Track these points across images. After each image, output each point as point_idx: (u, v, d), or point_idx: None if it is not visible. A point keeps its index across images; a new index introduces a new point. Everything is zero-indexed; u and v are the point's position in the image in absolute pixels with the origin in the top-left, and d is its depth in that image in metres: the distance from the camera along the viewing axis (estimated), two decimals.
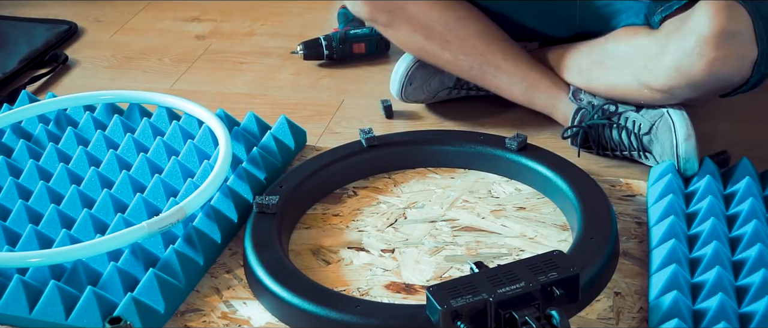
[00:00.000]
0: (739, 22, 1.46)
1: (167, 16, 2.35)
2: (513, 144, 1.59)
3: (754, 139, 1.71)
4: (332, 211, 1.57)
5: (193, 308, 1.39)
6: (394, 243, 1.49)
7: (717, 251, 1.35)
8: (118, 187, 1.57)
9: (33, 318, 1.35)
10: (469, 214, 1.54)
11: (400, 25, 1.71)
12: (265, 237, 1.43)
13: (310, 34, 2.08)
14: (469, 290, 1.19)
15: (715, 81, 1.50)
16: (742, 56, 1.48)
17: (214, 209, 1.50)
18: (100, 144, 1.69)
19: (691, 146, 1.54)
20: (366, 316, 1.27)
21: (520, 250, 1.45)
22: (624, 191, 1.57)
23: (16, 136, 1.75)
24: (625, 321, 1.32)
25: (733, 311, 1.25)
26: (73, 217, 1.51)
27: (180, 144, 1.68)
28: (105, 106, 1.80)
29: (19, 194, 1.57)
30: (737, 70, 1.49)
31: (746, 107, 1.63)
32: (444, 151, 1.64)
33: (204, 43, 2.20)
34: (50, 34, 2.23)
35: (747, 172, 1.53)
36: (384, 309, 1.31)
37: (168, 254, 1.41)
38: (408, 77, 1.79)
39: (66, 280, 1.38)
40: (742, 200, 1.47)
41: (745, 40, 1.47)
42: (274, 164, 1.64)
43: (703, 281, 1.31)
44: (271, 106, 1.89)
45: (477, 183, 1.61)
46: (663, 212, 1.44)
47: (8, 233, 1.48)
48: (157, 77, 2.07)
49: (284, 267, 1.37)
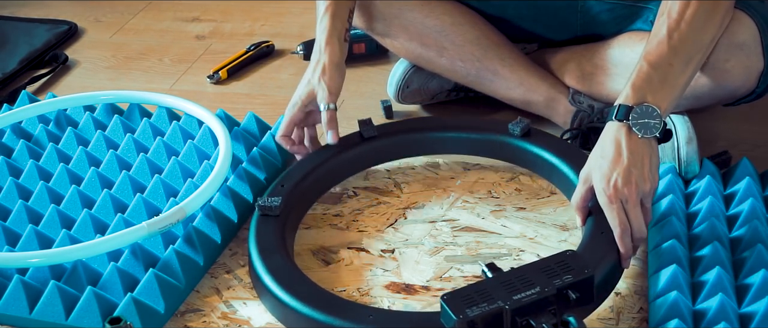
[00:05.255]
0: (745, 33, 1.45)
1: (167, 16, 2.35)
2: (516, 129, 1.56)
3: (754, 140, 1.70)
4: (332, 211, 1.57)
5: (193, 308, 1.39)
6: (394, 243, 1.49)
7: (717, 251, 1.35)
8: (118, 187, 1.57)
9: (33, 318, 1.35)
10: (469, 214, 1.54)
11: (397, 33, 1.71)
12: (270, 241, 1.39)
13: (310, 34, 2.06)
14: (484, 298, 1.16)
15: (721, 92, 1.50)
16: (749, 67, 1.47)
17: (214, 209, 1.50)
18: (100, 144, 1.69)
19: (693, 150, 1.54)
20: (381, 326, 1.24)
21: (520, 250, 1.45)
22: None
23: (16, 136, 1.75)
24: (625, 321, 1.32)
25: (733, 312, 1.25)
26: (73, 217, 1.51)
27: (180, 144, 1.68)
28: (105, 107, 1.80)
29: (19, 194, 1.57)
30: (743, 81, 1.49)
31: (746, 108, 1.62)
32: (446, 138, 1.61)
33: (204, 43, 2.20)
34: (50, 34, 2.23)
35: (747, 172, 1.53)
36: (397, 318, 1.27)
37: (168, 254, 1.41)
38: (405, 80, 1.79)
39: (66, 280, 1.38)
40: (742, 200, 1.47)
41: (751, 51, 1.46)
42: (274, 164, 1.64)
43: (703, 281, 1.31)
44: (271, 106, 1.89)
45: (477, 183, 1.61)
46: (663, 212, 1.44)
47: (8, 233, 1.48)
48: (157, 77, 2.07)
49: (292, 273, 1.34)
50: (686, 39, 1.35)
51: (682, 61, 1.34)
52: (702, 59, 1.39)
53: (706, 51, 1.39)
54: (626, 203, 1.28)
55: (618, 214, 1.27)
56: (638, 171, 1.29)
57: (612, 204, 1.27)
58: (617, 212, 1.27)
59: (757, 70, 1.48)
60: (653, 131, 1.31)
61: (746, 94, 1.51)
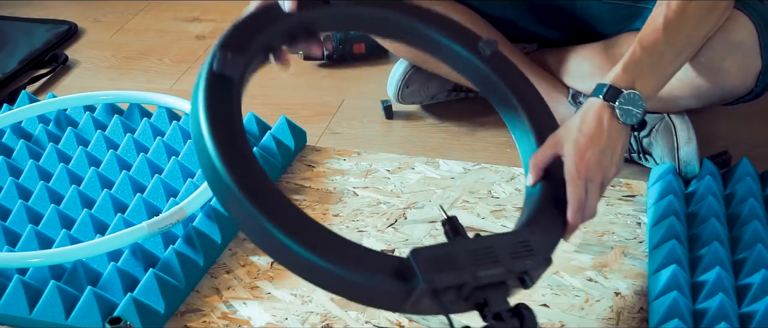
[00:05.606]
0: (743, 33, 1.45)
1: (167, 16, 2.35)
2: (486, 49, 1.42)
3: (754, 140, 1.71)
4: (332, 211, 1.57)
5: (193, 308, 1.39)
6: (394, 243, 1.49)
7: (717, 251, 1.35)
8: (118, 187, 1.57)
9: (33, 318, 1.35)
10: (469, 214, 1.54)
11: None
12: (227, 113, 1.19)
13: None
14: (452, 266, 1.13)
15: (719, 91, 1.50)
16: (746, 67, 1.47)
17: (214, 209, 1.50)
18: (100, 144, 1.69)
19: (692, 150, 1.54)
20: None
21: None
22: (624, 191, 1.57)
23: (16, 136, 1.75)
24: (625, 321, 1.32)
25: (733, 312, 1.25)
26: (73, 217, 1.51)
27: (180, 144, 1.69)
28: (105, 107, 1.80)
29: (19, 194, 1.57)
30: (742, 81, 1.49)
31: (746, 108, 1.62)
32: (412, 26, 1.42)
33: (204, 43, 2.20)
34: (50, 34, 2.23)
35: (747, 172, 1.53)
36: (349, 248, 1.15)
37: (168, 254, 1.41)
38: (405, 80, 1.79)
39: (66, 280, 1.38)
40: (741, 200, 1.47)
41: (748, 50, 1.46)
42: (274, 164, 1.64)
43: (703, 281, 1.31)
44: (271, 106, 1.89)
45: (477, 183, 1.61)
46: (663, 213, 1.44)
47: (8, 233, 1.48)
48: (157, 77, 2.07)
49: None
50: (681, 32, 1.35)
51: (673, 53, 1.35)
52: (691, 54, 1.40)
53: (696, 47, 1.40)
54: (590, 182, 1.28)
55: (580, 190, 1.27)
56: (609, 155, 1.30)
57: (579, 179, 1.27)
58: (580, 188, 1.27)
59: (755, 69, 1.48)
60: (633, 119, 1.32)
61: (745, 93, 1.51)
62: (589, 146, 1.29)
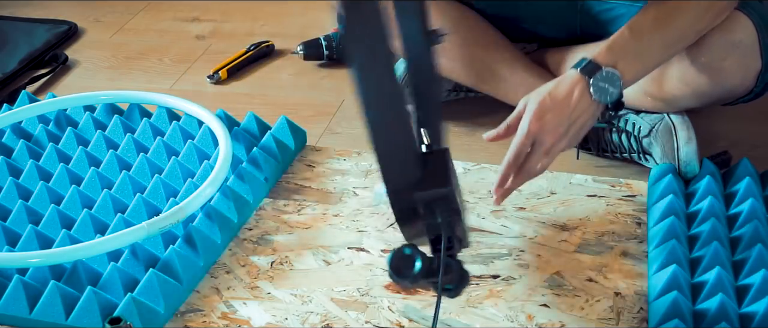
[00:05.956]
0: (742, 32, 1.45)
1: (167, 16, 2.35)
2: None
3: (754, 140, 1.71)
4: (332, 211, 1.57)
5: (193, 308, 1.39)
6: (394, 243, 1.49)
7: (717, 251, 1.35)
8: (118, 187, 1.57)
9: (33, 318, 1.35)
10: (469, 214, 1.54)
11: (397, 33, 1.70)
12: None
13: (310, 34, 2.08)
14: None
15: (719, 91, 1.50)
16: (746, 66, 1.47)
17: (214, 209, 1.50)
18: (100, 144, 1.69)
19: (692, 150, 1.54)
20: None
21: (520, 250, 1.45)
22: (624, 191, 1.57)
23: (16, 136, 1.75)
24: (625, 321, 1.32)
25: (733, 312, 1.25)
26: (73, 217, 1.51)
27: (180, 144, 1.69)
28: (105, 107, 1.80)
29: (19, 194, 1.57)
30: (741, 81, 1.48)
31: (746, 108, 1.62)
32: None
33: (204, 43, 2.20)
34: (50, 34, 2.23)
35: (747, 172, 1.53)
36: None
37: (168, 254, 1.41)
38: (405, 80, 1.79)
39: (66, 280, 1.38)
40: (742, 200, 1.47)
41: (748, 50, 1.46)
42: (274, 164, 1.64)
43: (703, 281, 1.31)
44: (271, 106, 1.89)
45: (477, 183, 1.61)
46: (663, 213, 1.44)
47: (8, 233, 1.48)
48: (157, 77, 2.07)
49: None
50: (673, 25, 1.36)
51: (661, 44, 1.36)
52: (681, 49, 1.41)
53: (688, 42, 1.41)
54: (538, 144, 1.27)
55: (523, 145, 1.27)
56: (567, 126, 1.30)
57: (526, 136, 1.27)
58: (524, 144, 1.27)
59: (755, 69, 1.48)
60: (607, 98, 1.32)
61: (745, 93, 1.51)
62: (551, 109, 1.29)
